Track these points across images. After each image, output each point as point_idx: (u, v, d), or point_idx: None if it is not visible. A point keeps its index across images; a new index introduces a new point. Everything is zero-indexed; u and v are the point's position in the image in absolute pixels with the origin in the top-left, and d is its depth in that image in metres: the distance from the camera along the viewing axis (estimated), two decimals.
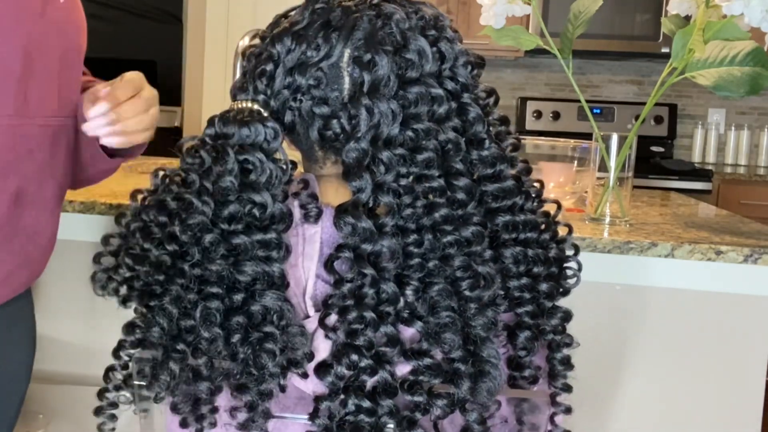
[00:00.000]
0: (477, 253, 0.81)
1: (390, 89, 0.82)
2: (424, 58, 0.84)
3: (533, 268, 0.87)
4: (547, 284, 0.89)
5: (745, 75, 1.36)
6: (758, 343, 1.50)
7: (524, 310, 0.88)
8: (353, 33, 0.84)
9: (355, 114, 0.82)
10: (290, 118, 0.87)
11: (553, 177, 1.69)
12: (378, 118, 0.81)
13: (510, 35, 1.55)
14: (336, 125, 0.84)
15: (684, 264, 1.46)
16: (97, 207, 1.55)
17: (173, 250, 0.81)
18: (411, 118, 0.82)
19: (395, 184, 0.80)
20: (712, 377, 1.52)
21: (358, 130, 0.81)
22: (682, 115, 4.04)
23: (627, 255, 1.44)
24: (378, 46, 0.82)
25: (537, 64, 4.10)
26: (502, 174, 0.86)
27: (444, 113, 0.83)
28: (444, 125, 0.83)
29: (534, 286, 0.88)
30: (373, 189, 0.80)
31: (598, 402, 1.57)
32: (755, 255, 1.40)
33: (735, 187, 3.52)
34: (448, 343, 0.80)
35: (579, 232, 1.47)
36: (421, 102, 0.82)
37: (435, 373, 0.80)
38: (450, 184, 0.81)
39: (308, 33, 0.85)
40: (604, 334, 1.55)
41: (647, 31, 3.66)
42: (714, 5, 1.40)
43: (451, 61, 0.86)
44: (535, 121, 4.00)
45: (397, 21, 0.84)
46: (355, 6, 0.87)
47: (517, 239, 0.87)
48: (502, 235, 0.86)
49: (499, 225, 0.85)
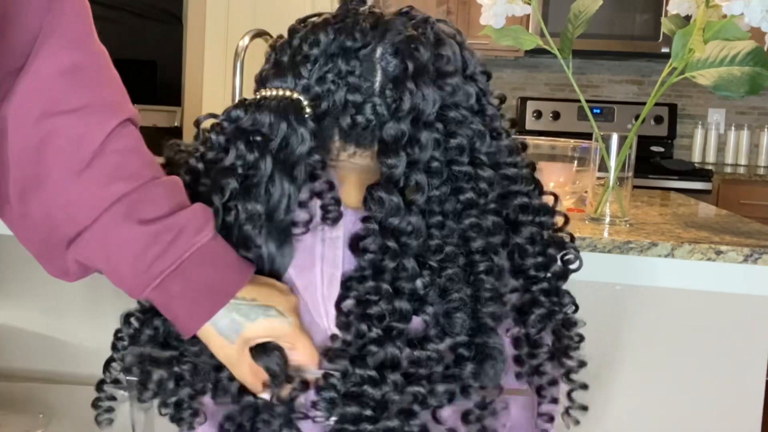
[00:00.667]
0: (494, 244, 0.85)
1: (430, 77, 0.86)
2: (456, 57, 0.90)
3: (547, 249, 0.92)
4: (558, 265, 0.94)
5: (745, 75, 1.36)
6: (758, 343, 1.50)
7: (539, 287, 0.91)
8: (389, 29, 0.89)
9: (398, 97, 0.86)
10: (325, 106, 0.89)
11: (553, 177, 1.69)
12: (420, 101, 0.85)
13: (510, 35, 1.56)
14: (369, 111, 0.88)
15: (684, 264, 1.46)
16: None
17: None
18: (448, 106, 0.87)
19: (427, 165, 0.84)
20: (712, 377, 1.52)
21: (401, 110, 0.85)
22: (682, 115, 4.04)
23: (627, 255, 1.44)
24: (416, 41, 0.87)
25: (537, 64, 4.10)
26: (518, 163, 0.93)
27: (475, 106, 0.90)
28: (474, 117, 0.89)
29: (548, 266, 0.92)
30: (407, 166, 0.84)
31: (597, 402, 1.57)
32: (755, 255, 1.40)
33: (735, 187, 3.52)
34: (457, 325, 0.82)
35: (579, 232, 1.47)
36: (456, 92, 0.88)
37: (437, 361, 0.81)
38: (476, 173, 0.86)
39: (347, 25, 0.89)
40: (604, 334, 1.55)
41: (647, 31, 3.67)
42: (714, 5, 1.40)
43: (472, 67, 0.92)
44: (535, 121, 4.00)
45: (431, 23, 0.90)
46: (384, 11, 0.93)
47: (533, 221, 0.91)
48: (519, 217, 0.90)
49: (516, 207, 0.90)
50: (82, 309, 1.66)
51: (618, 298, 1.53)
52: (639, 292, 1.52)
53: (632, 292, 1.53)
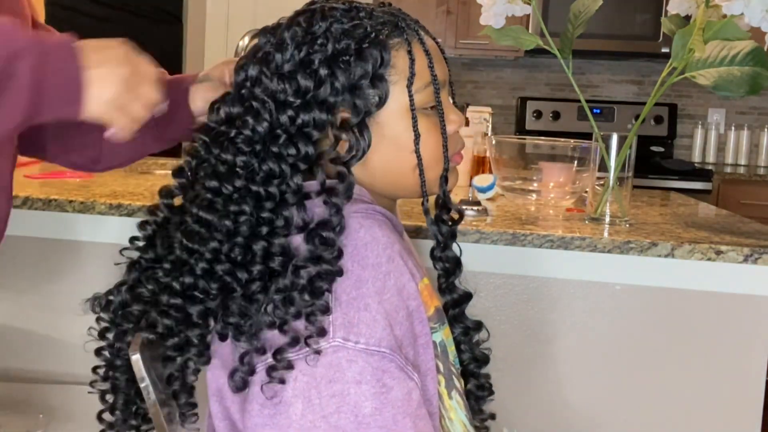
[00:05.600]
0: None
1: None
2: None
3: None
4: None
5: (745, 75, 1.36)
6: (758, 343, 1.50)
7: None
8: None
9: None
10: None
11: (553, 177, 1.69)
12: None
13: (510, 35, 1.56)
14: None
15: (684, 264, 1.46)
16: (97, 207, 1.55)
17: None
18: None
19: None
20: (712, 377, 1.52)
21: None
22: (682, 115, 4.04)
23: (627, 255, 1.44)
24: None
25: (537, 64, 4.10)
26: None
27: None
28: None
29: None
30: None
31: (597, 402, 1.57)
32: (755, 255, 1.40)
33: (735, 187, 3.51)
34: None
35: (579, 232, 1.47)
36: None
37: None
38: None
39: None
40: (604, 334, 1.55)
41: (647, 31, 3.66)
42: (714, 5, 1.40)
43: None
44: (535, 121, 4.00)
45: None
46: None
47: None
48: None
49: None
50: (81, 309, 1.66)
51: (618, 298, 1.53)
52: (639, 292, 1.52)
53: (632, 292, 1.53)
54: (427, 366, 0.86)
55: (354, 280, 0.81)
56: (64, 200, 1.56)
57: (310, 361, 0.78)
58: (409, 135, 0.88)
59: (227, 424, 0.86)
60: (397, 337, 0.81)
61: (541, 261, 1.53)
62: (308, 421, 0.77)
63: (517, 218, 1.61)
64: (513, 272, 1.55)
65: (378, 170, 0.89)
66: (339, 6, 0.88)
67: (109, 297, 0.91)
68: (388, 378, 0.78)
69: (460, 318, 0.99)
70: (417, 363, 0.84)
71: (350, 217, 0.84)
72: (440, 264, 0.95)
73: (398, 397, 0.78)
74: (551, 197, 1.69)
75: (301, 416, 0.77)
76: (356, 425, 0.76)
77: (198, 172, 0.87)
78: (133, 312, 0.88)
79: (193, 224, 0.84)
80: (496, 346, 1.56)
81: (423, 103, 0.89)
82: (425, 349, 0.86)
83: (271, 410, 0.79)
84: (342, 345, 0.78)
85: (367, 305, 0.80)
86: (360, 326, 0.79)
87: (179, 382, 0.88)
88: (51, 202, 1.56)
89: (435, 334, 0.89)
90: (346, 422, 0.77)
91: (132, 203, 1.54)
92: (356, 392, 0.77)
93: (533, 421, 1.56)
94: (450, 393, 0.92)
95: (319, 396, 0.77)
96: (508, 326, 1.56)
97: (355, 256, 0.82)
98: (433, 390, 0.87)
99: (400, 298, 0.83)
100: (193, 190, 0.86)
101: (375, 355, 0.78)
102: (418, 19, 0.93)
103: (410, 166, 0.89)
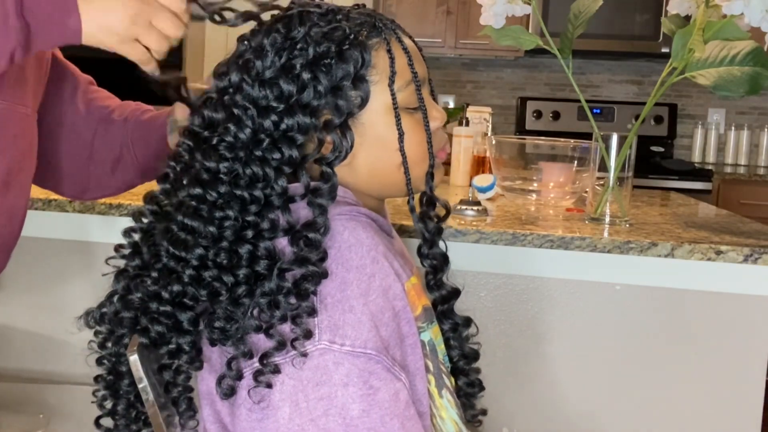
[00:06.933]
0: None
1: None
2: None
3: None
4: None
5: (745, 75, 1.36)
6: (758, 343, 1.50)
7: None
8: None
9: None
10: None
11: (553, 177, 1.69)
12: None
13: (510, 35, 1.55)
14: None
15: (684, 264, 1.46)
16: (97, 207, 1.55)
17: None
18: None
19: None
20: (712, 377, 1.52)
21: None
22: (682, 115, 4.04)
23: (627, 255, 1.44)
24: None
25: (537, 64, 4.10)
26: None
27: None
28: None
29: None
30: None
31: (598, 401, 1.57)
32: (755, 255, 1.40)
33: (735, 187, 3.51)
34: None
35: (579, 232, 1.47)
36: None
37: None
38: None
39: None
40: (604, 334, 1.55)
41: (647, 31, 3.66)
42: (714, 5, 1.40)
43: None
44: (535, 121, 4.00)
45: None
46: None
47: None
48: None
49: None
50: (82, 309, 1.66)
51: (618, 298, 1.53)
52: (639, 292, 1.52)
53: (632, 292, 1.53)
54: (415, 366, 0.86)
55: (339, 283, 0.81)
56: (64, 200, 1.56)
57: (296, 364, 0.78)
58: (392, 133, 0.89)
59: (219, 427, 0.86)
60: (384, 339, 0.81)
61: (541, 261, 1.53)
62: (296, 424, 0.77)
63: (517, 218, 1.61)
64: (513, 272, 1.55)
65: (363, 170, 0.90)
66: (316, 10, 0.88)
67: (102, 310, 0.90)
68: (374, 379, 0.78)
69: (448, 314, 0.99)
70: (405, 363, 0.84)
71: (334, 220, 0.85)
72: (428, 261, 0.95)
73: (385, 399, 0.79)
74: (551, 197, 1.68)
75: (288, 420, 0.78)
76: (344, 428, 0.77)
77: (182, 178, 0.86)
78: (126, 318, 0.88)
79: (178, 231, 0.83)
80: (497, 345, 1.56)
81: (405, 101, 0.89)
82: (413, 350, 0.86)
83: (259, 414, 0.79)
84: (328, 348, 0.78)
85: (352, 307, 0.80)
86: (345, 328, 0.79)
87: (178, 389, 0.87)
88: (51, 202, 1.57)
89: (423, 334, 0.90)
90: (334, 425, 0.77)
91: (132, 203, 1.54)
92: (343, 395, 0.77)
93: (533, 421, 1.56)
94: (440, 392, 0.92)
95: (306, 399, 0.78)
96: (509, 326, 1.56)
97: (339, 258, 0.82)
98: (422, 390, 0.87)
99: (386, 299, 0.83)
100: (177, 196, 0.86)
101: (361, 357, 0.78)
102: (393, 19, 0.93)
103: (395, 165, 0.90)
